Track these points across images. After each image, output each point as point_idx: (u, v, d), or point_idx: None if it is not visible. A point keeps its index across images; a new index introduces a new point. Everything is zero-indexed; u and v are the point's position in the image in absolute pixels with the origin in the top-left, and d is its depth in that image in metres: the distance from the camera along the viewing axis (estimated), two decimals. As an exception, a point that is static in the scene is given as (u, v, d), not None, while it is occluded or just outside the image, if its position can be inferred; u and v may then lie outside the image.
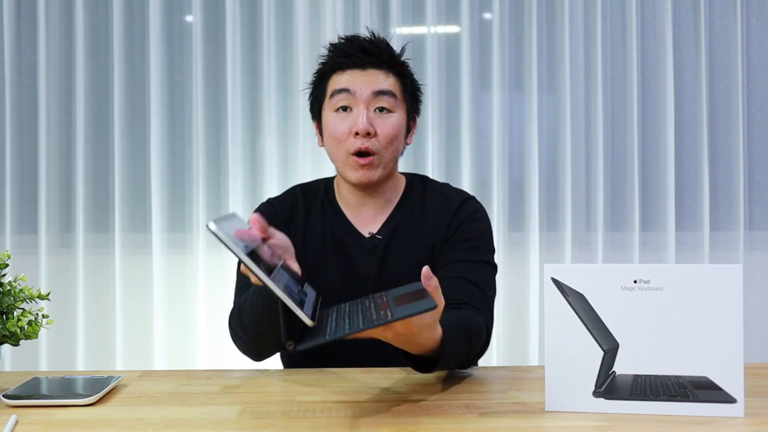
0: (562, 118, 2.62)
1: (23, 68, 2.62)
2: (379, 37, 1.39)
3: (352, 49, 1.36)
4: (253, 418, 0.96)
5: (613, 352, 0.96)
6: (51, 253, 2.59)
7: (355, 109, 1.34)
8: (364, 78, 1.35)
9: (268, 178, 2.58)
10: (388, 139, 1.34)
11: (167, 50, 2.61)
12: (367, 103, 1.34)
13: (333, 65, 1.38)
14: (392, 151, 1.36)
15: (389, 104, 1.35)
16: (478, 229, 1.40)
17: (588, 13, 2.63)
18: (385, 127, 1.34)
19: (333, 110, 1.36)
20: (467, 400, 1.04)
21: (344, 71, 1.36)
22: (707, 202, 2.64)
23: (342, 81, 1.35)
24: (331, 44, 1.41)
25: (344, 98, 1.35)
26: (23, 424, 0.93)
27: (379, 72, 1.36)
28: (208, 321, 2.56)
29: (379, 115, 1.35)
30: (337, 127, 1.35)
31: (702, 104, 2.64)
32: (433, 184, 1.48)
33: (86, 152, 2.58)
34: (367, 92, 1.34)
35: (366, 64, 1.35)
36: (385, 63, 1.37)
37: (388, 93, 1.35)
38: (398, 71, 1.38)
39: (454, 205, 1.41)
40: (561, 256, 2.61)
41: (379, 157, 1.34)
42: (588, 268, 0.97)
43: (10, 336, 1.05)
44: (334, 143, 1.36)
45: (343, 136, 1.34)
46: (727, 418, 0.93)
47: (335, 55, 1.38)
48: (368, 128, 1.32)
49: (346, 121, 1.34)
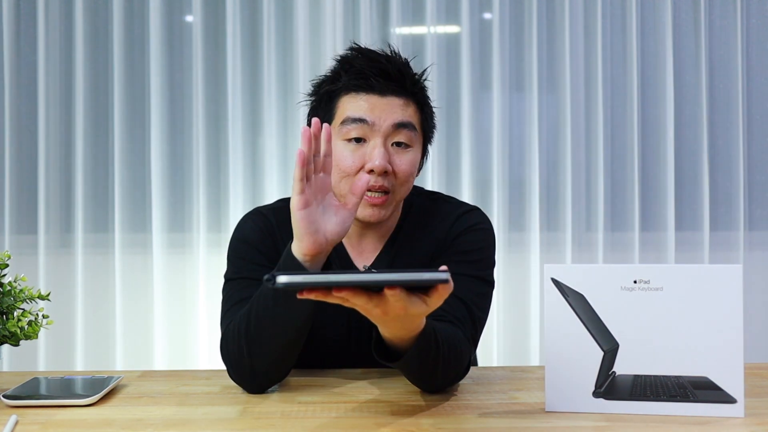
0: (562, 118, 2.62)
1: (23, 68, 2.62)
2: (400, 58, 1.23)
3: (371, 71, 1.18)
4: (253, 418, 0.96)
5: (613, 352, 0.96)
6: (51, 253, 2.59)
7: (371, 142, 1.18)
8: (384, 106, 1.18)
9: (268, 178, 2.58)
10: (405, 177, 1.20)
11: (167, 50, 2.61)
12: (385, 136, 1.18)
13: (346, 85, 1.20)
14: (406, 189, 1.22)
15: (408, 138, 1.20)
16: (476, 241, 1.26)
17: (588, 13, 2.63)
18: (403, 164, 1.19)
19: (343, 139, 1.18)
20: (467, 400, 1.04)
21: (358, 94, 1.19)
22: (707, 202, 2.64)
23: (357, 108, 1.18)
24: (342, 57, 1.23)
25: (358, 129, 1.18)
26: (23, 424, 0.93)
27: (400, 100, 1.19)
28: (208, 321, 2.56)
29: (396, 150, 1.19)
30: (347, 160, 1.18)
31: (702, 104, 2.64)
32: (436, 198, 1.35)
33: (86, 152, 2.58)
34: (387, 124, 1.18)
35: (385, 90, 1.19)
36: (407, 90, 1.21)
37: (408, 125, 1.19)
38: (418, 98, 1.23)
39: (453, 217, 1.28)
40: (561, 256, 2.61)
41: (393, 195, 1.20)
42: (588, 268, 0.97)
43: (10, 336, 1.05)
44: (339, 175, 1.18)
45: (353, 170, 1.17)
46: (727, 418, 0.93)
47: (349, 74, 1.20)
48: (386, 166, 1.16)
49: (357, 153, 1.18)
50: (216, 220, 2.59)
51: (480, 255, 1.25)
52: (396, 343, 0.99)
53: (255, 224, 1.28)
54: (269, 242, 1.25)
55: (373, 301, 0.85)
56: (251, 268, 1.22)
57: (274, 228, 1.26)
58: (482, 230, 1.28)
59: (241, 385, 1.12)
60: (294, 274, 0.78)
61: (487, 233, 1.28)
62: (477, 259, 1.24)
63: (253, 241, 1.25)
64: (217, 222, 2.59)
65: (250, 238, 1.26)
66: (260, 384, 1.10)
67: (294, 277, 0.78)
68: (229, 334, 1.11)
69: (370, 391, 1.09)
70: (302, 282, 0.78)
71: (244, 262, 1.23)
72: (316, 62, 2.60)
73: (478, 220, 1.29)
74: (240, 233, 1.28)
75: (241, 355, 1.08)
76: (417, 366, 1.02)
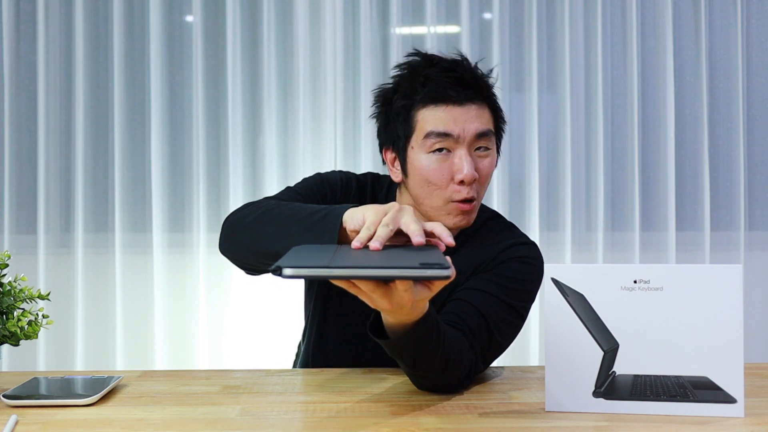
0: (562, 118, 2.62)
1: (23, 68, 2.62)
2: (473, 65, 1.23)
3: (450, 82, 1.19)
4: (253, 418, 0.96)
5: (613, 352, 0.96)
6: (50, 253, 2.59)
7: (456, 152, 1.19)
8: (465, 117, 1.19)
9: (268, 178, 2.58)
10: (486, 180, 1.23)
11: (167, 50, 2.61)
12: (469, 146, 1.20)
13: (423, 99, 1.20)
14: (485, 190, 1.25)
15: (487, 143, 1.22)
16: (521, 272, 1.23)
17: (588, 13, 2.63)
18: (485, 168, 1.22)
19: (427, 152, 1.19)
20: (467, 400, 1.04)
21: (437, 106, 1.19)
22: (707, 202, 2.64)
23: (439, 121, 1.18)
24: (412, 68, 1.23)
25: (442, 142, 1.19)
26: (23, 424, 0.93)
27: (478, 108, 1.20)
28: (208, 321, 2.56)
29: (477, 156, 1.21)
30: (435, 173, 1.19)
31: (702, 104, 2.64)
32: (500, 222, 1.35)
33: (86, 152, 2.58)
34: (470, 135, 1.19)
35: (463, 99, 1.19)
36: (483, 95, 1.22)
37: (488, 133, 1.22)
38: (491, 103, 1.25)
39: (507, 243, 1.27)
40: (561, 256, 2.61)
41: (478, 200, 1.23)
42: (588, 268, 0.97)
43: (10, 336, 1.05)
44: (427, 188, 1.20)
45: (443, 182, 1.19)
46: (727, 418, 0.93)
47: (426, 87, 1.20)
48: (475, 176, 1.19)
49: (444, 164, 1.19)
50: (216, 220, 2.59)
51: (520, 286, 1.22)
52: (397, 330, 0.98)
53: (343, 176, 1.34)
54: (345, 197, 1.30)
55: (380, 290, 0.86)
56: (311, 195, 1.27)
57: (366, 190, 1.33)
58: (530, 264, 1.25)
59: (222, 239, 1.19)
60: (300, 267, 0.79)
61: (535, 269, 1.26)
62: (516, 288, 1.21)
63: (331, 183, 1.31)
64: (217, 222, 2.59)
65: (329, 179, 1.32)
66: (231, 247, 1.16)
67: (299, 270, 0.79)
68: (256, 202, 1.17)
69: (370, 391, 1.09)
70: (308, 275, 0.80)
71: (310, 191, 1.29)
72: (316, 62, 2.60)
73: (531, 254, 1.27)
74: (324, 173, 1.35)
75: (243, 217, 1.13)
76: (415, 348, 1.00)
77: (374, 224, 0.91)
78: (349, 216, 0.99)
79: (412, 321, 0.95)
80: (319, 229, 1.01)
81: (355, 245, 0.89)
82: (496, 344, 1.17)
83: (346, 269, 0.79)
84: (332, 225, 1.00)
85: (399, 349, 1.01)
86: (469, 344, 1.11)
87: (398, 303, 0.87)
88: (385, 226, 0.90)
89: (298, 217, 1.06)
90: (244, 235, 1.14)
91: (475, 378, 1.15)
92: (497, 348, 1.18)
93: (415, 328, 0.96)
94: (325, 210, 1.04)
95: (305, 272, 0.79)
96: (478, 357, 1.13)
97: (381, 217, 0.92)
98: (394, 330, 0.98)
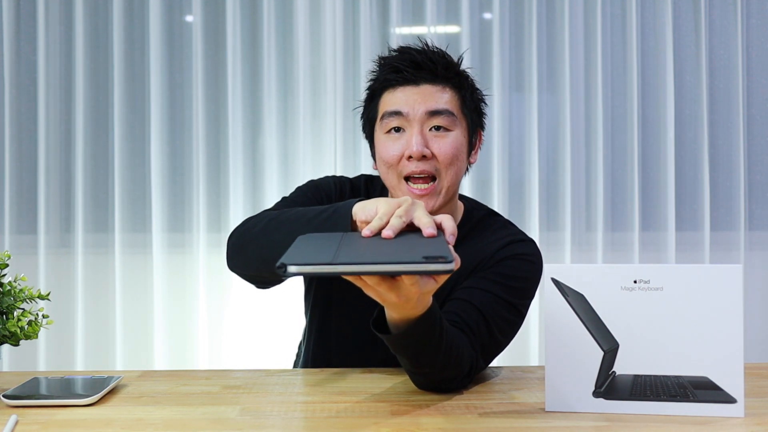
0: (562, 118, 2.62)
1: (23, 68, 2.62)
2: (433, 48, 1.26)
3: (403, 64, 1.23)
4: (253, 418, 0.96)
5: (613, 353, 0.96)
6: (50, 253, 2.59)
7: (408, 130, 1.22)
8: (417, 96, 1.22)
9: (268, 178, 2.58)
10: (449, 159, 1.22)
11: (167, 50, 2.61)
12: (422, 123, 1.22)
13: (383, 82, 1.26)
14: (453, 174, 1.23)
15: (446, 123, 1.23)
16: (520, 269, 1.23)
17: (588, 13, 2.63)
18: (443, 146, 1.22)
19: (384, 132, 1.25)
20: (467, 400, 1.04)
21: (395, 88, 1.24)
22: (707, 202, 2.64)
23: (393, 102, 1.23)
24: (380, 58, 1.29)
25: (396, 120, 1.23)
26: (23, 424, 0.93)
27: (434, 87, 1.23)
28: (208, 321, 2.56)
29: (435, 134, 1.22)
30: (389, 150, 1.23)
31: (702, 104, 2.64)
32: (497, 219, 1.35)
33: (86, 152, 2.58)
34: (420, 112, 1.22)
35: (419, 80, 1.23)
36: (440, 76, 1.24)
37: (444, 112, 1.22)
38: (455, 84, 1.26)
39: (505, 241, 1.27)
40: (561, 256, 2.61)
41: (440, 181, 1.22)
42: (588, 268, 0.97)
43: (10, 336, 1.05)
44: (384, 167, 1.25)
45: (395, 159, 1.22)
46: (727, 418, 0.93)
47: (385, 70, 1.26)
48: (423, 150, 1.20)
49: (398, 143, 1.23)
50: (216, 220, 2.59)
51: (520, 284, 1.22)
52: (401, 325, 0.98)
53: (336, 180, 1.35)
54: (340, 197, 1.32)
55: (386, 284, 0.86)
56: (307, 202, 1.29)
57: (359, 192, 1.34)
58: (530, 262, 1.26)
59: (229, 253, 1.20)
60: (304, 264, 0.79)
61: (534, 266, 1.26)
62: (515, 286, 1.21)
63: (326, 188, 1.32)
64: (217, 222, 2.59)
65: (323, 184, 1.34)
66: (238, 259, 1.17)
67: (304, 267, 0.79)
68: (257, 216, 1.18)
69: (370, 391, 1.09)
70: (312, 272, 0.79)
71: (305, 198, 1.30)
72: (316, 62, 2.60)
73: (529, 251, 1.27)
74: (316, 180, 1.37)
75: (249, 230, 1.14)
76: (418, 343, 1.00)
77: (387, 215, 0.92)
78: (360, 207, 1.00)
79: (417, 315, 0.95)
80: (330, 226, 1.02)
81: (366, 233, 0.90)
82: (496, 342, 1.18)
83: (351, 265, 0.79)
84: (343, 219, 1.01)
85: (402, 345, 1.01)
86: (470, 343, 1.11)
87: (406, 296, 0.88)
88: (398, 217, 0.91)
89: (305, 218, 1.07)
90: (253, 247, 1.13)
91: (475, 376, 1.15)
92: (497, 346, 1.19)
93: (419, 323, 0.97)
94: (332, 207, 1.05)
95: (310, 269, 0.79)
96: (479, 355, 1.13)
97: (394, 209, 0.93)
98: (398, 325, 0.98)
